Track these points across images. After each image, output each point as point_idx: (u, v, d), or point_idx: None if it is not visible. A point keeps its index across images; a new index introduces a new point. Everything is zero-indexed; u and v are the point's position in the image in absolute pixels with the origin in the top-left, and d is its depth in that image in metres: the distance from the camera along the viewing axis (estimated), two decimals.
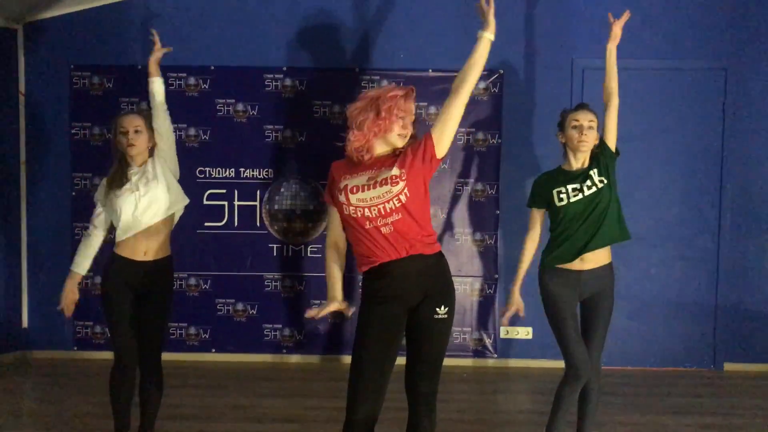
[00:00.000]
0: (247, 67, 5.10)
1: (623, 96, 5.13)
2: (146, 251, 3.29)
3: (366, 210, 2.54)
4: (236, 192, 5.14)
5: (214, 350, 5.18)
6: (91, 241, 3.35)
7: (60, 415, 3.97)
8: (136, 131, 3.33)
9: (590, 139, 3.29)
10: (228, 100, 5.10)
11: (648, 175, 5.12)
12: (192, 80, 5.08)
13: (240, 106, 5.11)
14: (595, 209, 3.22)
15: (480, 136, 5.10)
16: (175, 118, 5.04)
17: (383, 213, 2.54)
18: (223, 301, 5.17)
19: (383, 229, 2.54)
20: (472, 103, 5.02)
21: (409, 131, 2.69)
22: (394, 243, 2.56)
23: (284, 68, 5.09)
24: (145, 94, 5.08)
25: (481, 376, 3.47)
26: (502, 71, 5.08)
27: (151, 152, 3.42)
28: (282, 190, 5.11)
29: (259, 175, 5.14)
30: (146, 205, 3.26)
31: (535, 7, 5.10)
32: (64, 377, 4.76)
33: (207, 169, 5.11)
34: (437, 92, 5.03)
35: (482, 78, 5.03)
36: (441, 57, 5.08)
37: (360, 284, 2.74)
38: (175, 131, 5.06)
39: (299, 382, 4.70)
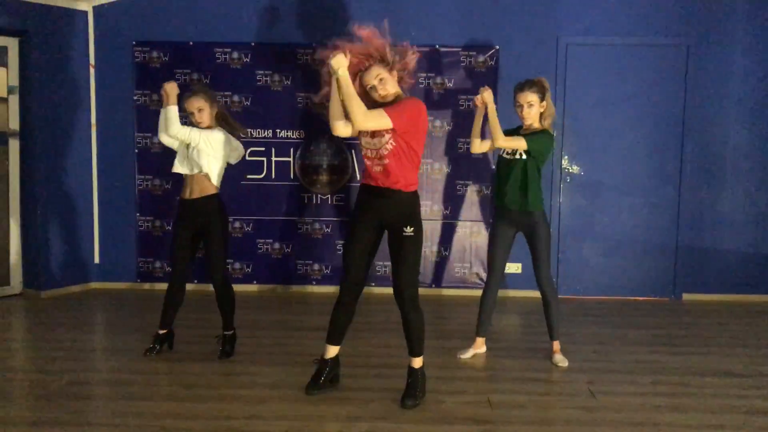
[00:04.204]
0: (282, 44, 5.94)
1: (602, 68, 6.02)
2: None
3: (367, 151, 3.54)
4: (273, 149, 6.02)
5: (255, 282, 6.15)
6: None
7: (126, 327, 4.97)
8: (200, 110, 4.12)
9: (531, 116, 4.14)
10: (266, 72, 5.96)
11: (620, 134, 5.96)
12: (235, 54, 5.94)
13: (276, 77, 5.98)
14: (511, 172, 4.14)
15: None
16: (221, 88, 6.01)
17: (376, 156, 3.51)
18: (263, 241, 6.11)
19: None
20: (473, 74, 5.94)
21: (384, 93, 3.43)
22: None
23: (313, 44, 5.91)
24: (194, 66, 5.99)
25: (478, 303, 4.40)
26: (497, 47, 5.92)
27: (219, 118, 4.24)
28: (312, 148, 6.01)
29: (293, 135, 6.03)
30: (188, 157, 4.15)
31: None
32: (128, 302, 5.75)
33: (248, 130, 5.97)
34: (444, 65, 5.91)
35: (481, 52, 5.92)
36: (447, 34, 5.92)
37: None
38: (221, 98, 5.98)
39: (327, 305, 5.63)
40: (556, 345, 4.36)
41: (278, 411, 3.46)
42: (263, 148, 6.02)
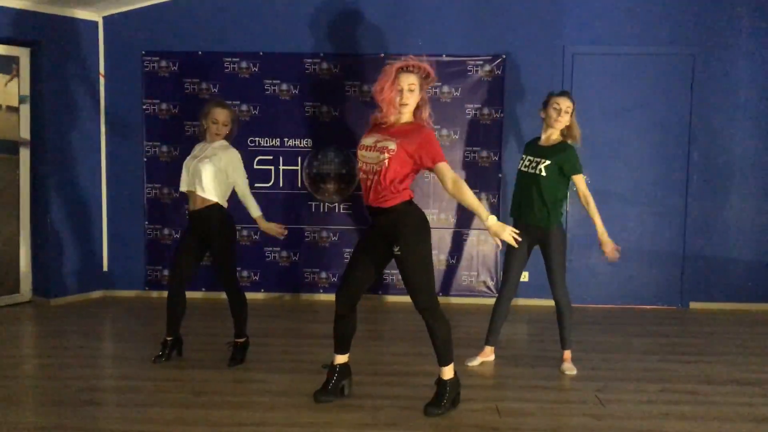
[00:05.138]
0: (290, 53, 5.99)
1: (608, 77, 6.06)
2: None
3: (363, 165, 3.46)
4: (281, 158, 6.06)
5: (262, 290, 6.17)
6: None
7: (135, 335, 4.99)
8: (225, 125, 4.25)
9: (564, 121, 4.17)
10: (274, 81, 6.01)
11: (627, 143, 5.98)
12: (244, 64, 6.00)
13: (284, 86, 6.02)
14: (530, 186, 4.17)
15: (485, 111, 5.99)
16: (230, 97, 6.05)
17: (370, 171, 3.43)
18: (271, 249, 6.14)
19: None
20: (479, 83, 5.97)
21: (407, 103, 3.40)
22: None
23: (321, 54, 5.98)
24: (203, 75, 6.03)
25: (486, 311, 4.41)
26: (504, 56, 5.95)
27: (228, 137, 4.31)
28: (319, 156, 6.04)
29: (300, 144, 6.07)
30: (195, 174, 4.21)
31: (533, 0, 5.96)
32: (136, 310, 5.78)
33: (257, 138, 6.04)
34: (450, 74, 5.94)
35: (487, 61, 5.95)
36: (454, 43, 5.96)
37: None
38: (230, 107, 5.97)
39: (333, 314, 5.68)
40: (567, 354, 4.38)
41: (287, 418, 3.48)
42: (271, 157, 6.05)
